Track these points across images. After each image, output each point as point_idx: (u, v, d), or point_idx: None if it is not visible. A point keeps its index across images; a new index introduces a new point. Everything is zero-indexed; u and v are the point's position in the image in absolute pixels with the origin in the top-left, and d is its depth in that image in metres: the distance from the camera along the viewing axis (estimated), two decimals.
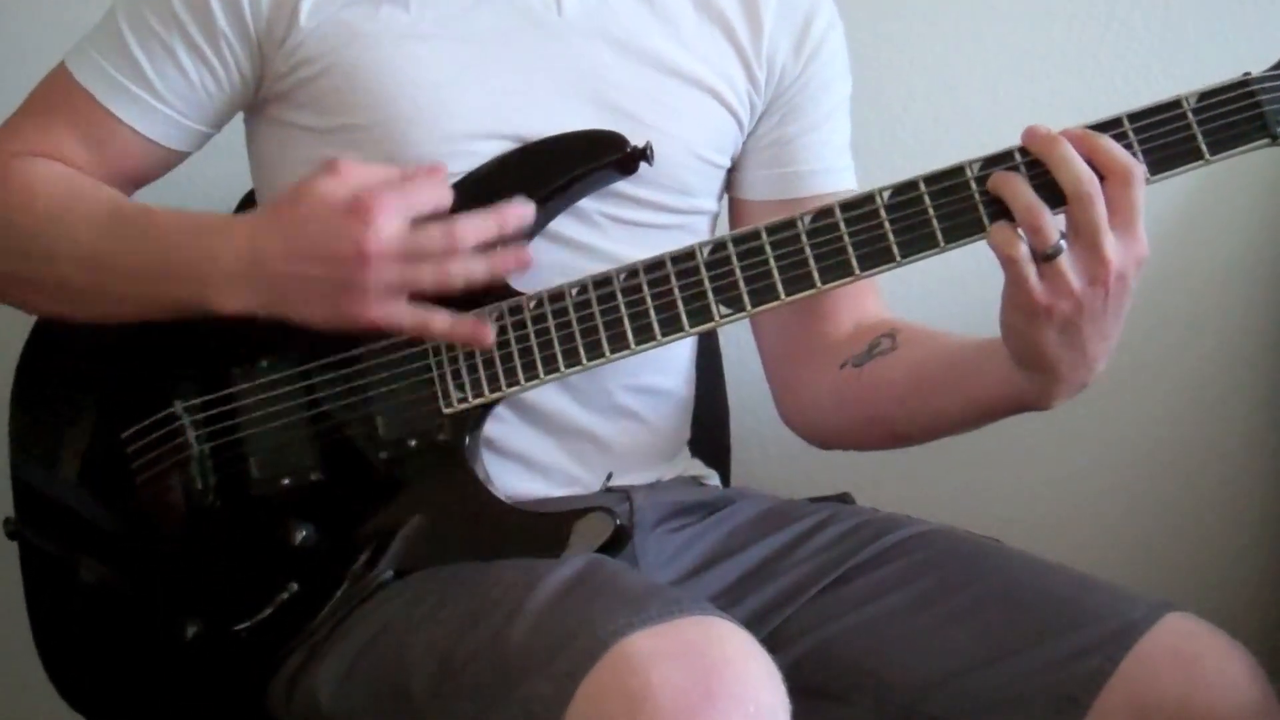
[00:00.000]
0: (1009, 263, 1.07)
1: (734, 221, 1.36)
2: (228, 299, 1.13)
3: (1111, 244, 1.06)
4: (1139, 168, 1.07)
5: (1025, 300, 1.08)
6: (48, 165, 1.23)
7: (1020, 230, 1.07)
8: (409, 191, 1.11)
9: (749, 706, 0.92)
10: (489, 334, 1.15)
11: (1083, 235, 1.06)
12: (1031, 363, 1.12)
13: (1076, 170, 1.06)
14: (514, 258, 1.14)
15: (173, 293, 1.15)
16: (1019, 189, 1.08)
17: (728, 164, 1.34)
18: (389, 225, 1.08)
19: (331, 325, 1.12)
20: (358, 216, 1.08)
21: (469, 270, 1.11)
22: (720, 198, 1.36)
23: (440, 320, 1.13)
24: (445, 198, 1.12)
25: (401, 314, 1.11)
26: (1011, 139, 1.10)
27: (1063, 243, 1.06)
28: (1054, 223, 1.07)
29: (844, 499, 1.43)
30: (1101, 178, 1.06)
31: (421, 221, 1.10)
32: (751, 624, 1.05)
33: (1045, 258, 1.06)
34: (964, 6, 1.76)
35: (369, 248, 1.07)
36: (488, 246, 1.12)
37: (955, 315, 1.64)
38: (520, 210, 1.14)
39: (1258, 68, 1.10)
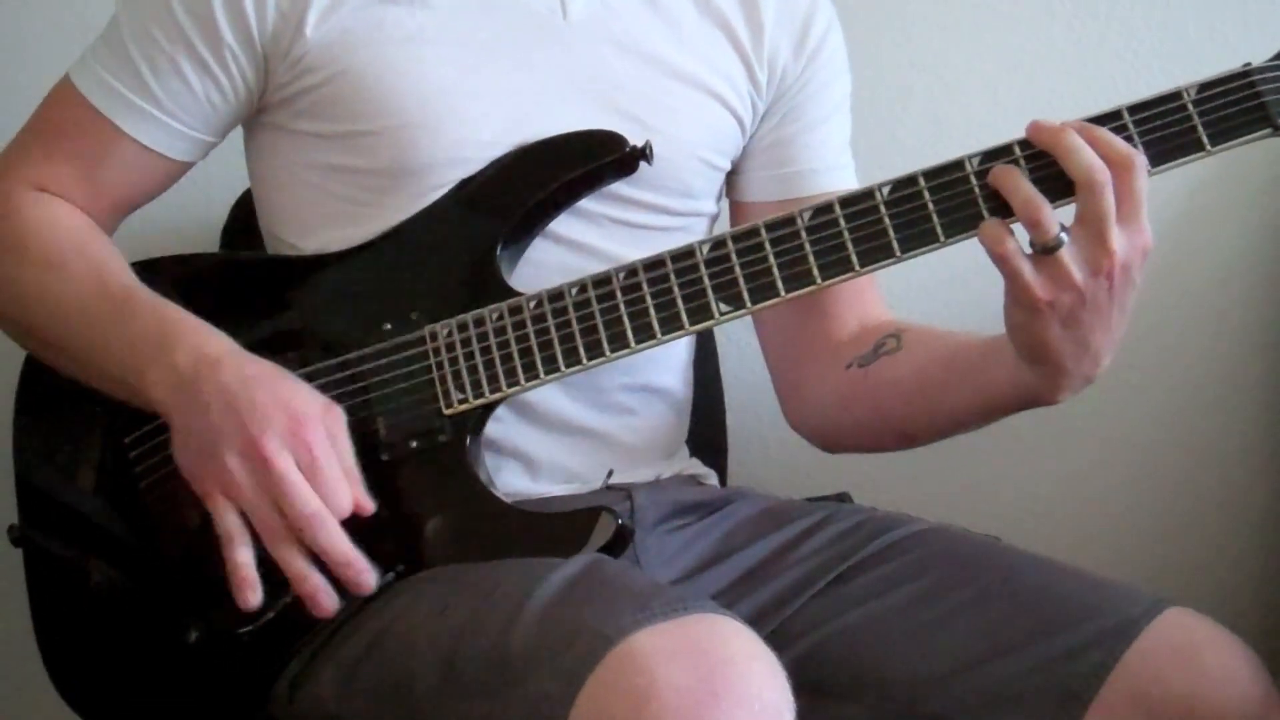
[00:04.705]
0: (999, 259, 1.08)
1: (735, 225, 1.36)
2: (155, 380, 1.12)
3: (1117, 234, 1.06)
4: (1139, 156, 1.07)
5: (1024, 295, 1.08)
6: (51, 208, 1.23)
7: (1014, 225, 1.08)
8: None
9: (754, 705, 0.92)
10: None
11: (1089, 225, 1.06)
12: (1036, 358, 1.12)
13: (1087, 159, 1.06)
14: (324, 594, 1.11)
15: (117, 361, 1.15)
16: (1018, 183, 1.08)
17: (728, 166, 1.34)
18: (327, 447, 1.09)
19: (186, 471, 1.11)
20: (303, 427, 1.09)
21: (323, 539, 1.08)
22: (719, 200, 1.36)
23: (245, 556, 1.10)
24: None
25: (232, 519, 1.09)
26: (1011, 138, 1.10)
27: (1063, 235, 1.07)
28: (1054, 216, 1.07)
29: (842, 498, 1.44)
30: None
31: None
32: (752, 623, 1.04)
33: (1045, 250, 1.07)
34: (963, 6, 1.76)
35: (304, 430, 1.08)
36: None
37: (956, 312, 1.65)
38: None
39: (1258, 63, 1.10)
